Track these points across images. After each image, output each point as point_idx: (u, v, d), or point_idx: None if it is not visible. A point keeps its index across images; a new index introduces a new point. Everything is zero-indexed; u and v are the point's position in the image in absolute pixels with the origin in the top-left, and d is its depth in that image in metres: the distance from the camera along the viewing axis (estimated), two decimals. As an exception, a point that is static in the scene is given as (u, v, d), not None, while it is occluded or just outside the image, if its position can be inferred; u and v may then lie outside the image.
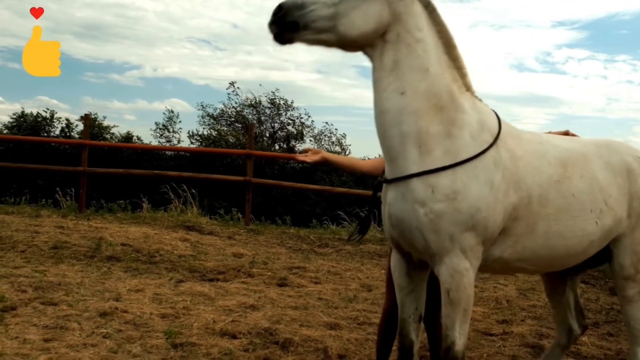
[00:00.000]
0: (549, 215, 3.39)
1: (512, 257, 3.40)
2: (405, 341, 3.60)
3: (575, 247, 3.53)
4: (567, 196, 3.45)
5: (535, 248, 3.41)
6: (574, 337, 4.48)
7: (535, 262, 3.51)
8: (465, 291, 3.17)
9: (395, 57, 3.16)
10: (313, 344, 5.35)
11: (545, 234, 3.40)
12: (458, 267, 3.14)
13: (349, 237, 3.88)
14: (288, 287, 7.42)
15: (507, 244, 3.35)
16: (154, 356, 4.79)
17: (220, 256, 8.66)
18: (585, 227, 3.51)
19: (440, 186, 3.11)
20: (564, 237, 3.46)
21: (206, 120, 30.02)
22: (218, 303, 6.37)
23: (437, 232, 3.12)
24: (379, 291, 7.46)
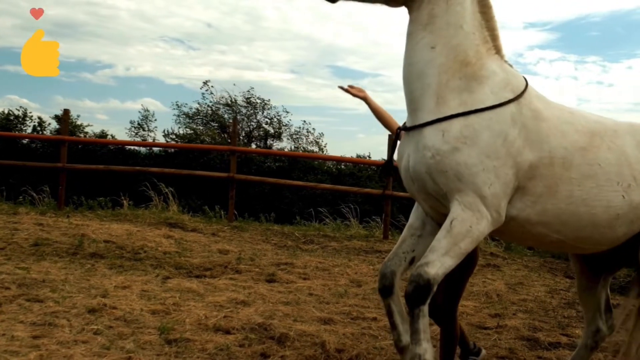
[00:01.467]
0: (572, 179, 3.33)
1: (531, 217, 3.32)
2: (386, 270, 3.51)
3: (600, 218, 3.43)
4: (592, 164, 3.39)
5: (557, 212, 3.33)
6: (602, 338, 4.37)
7: (558, 229, 3.40)
8: (469, 228, 3.09)
9: (432, 12, 3.22)
10: (309, 338, 5.26)
11: (567, 198, 3.33)
12: (470, 205, 3.09)
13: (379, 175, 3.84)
14: (277, 283, 7.32)
15: (524, 202, 3.28)
16: (148, 352, 4.65)
17: (205, 253, 8.52)
18: (610, 199, 3.43)
19: (450, 130, 3.12)
20: (588, 204, 3.37)
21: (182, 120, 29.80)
22: (208, 299, 6.25)
23: (444, 173, 3.11)
24: (369, 287, 7.41)
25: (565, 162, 3.32)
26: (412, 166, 3.29)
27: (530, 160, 3.23)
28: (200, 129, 28.36)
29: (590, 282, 4.25)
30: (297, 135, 29.98)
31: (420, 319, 3.11)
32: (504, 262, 9.70)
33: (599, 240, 3.57)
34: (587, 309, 4.32)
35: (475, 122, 3.13)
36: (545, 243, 3.57)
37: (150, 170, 12.30)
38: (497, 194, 3.14)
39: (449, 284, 4.26)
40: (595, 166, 3.39)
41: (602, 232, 3.51)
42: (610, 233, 3.55)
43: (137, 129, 27.68)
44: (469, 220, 3.08)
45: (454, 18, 3.22)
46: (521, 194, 3.26)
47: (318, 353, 4.93)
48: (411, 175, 3.33)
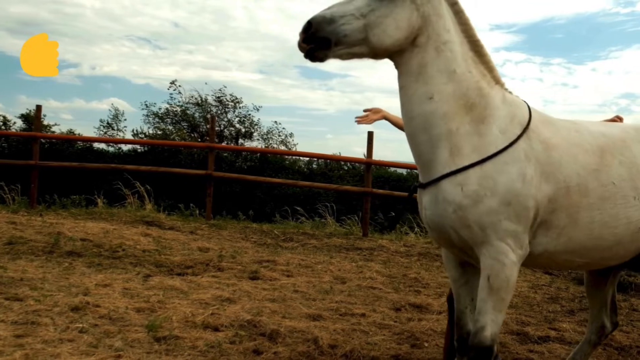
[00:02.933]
0: (591, 204, 3.29)
1: (557, 249, 3.30)
2: (463, 332, 3.51)
3: (623, 235, 3.41)
4: (607, 184, 3.35)
5: (581, 239, 3.31)
6: (605, 334, 4.36)
7: (583, 254, 3.40)
8: (505, 279, 3.07)
9: (423, 61, 3.10)
10: (300, 334, 5.18)
11: (589, 224, 3.30)
12: (498, 256, 3.06)
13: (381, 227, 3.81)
14: (260, 280, 7.21)
15: (550, 236, 3.25)
16: (137, 350, 4.52)
17: (185, 251, 8.37)
18: (629, 215, 3.40)
19: (468, 183, 3.06)
20: (609, 226, 3.35)
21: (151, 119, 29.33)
22: (192, 297, 6.12)
23: (469, 228, 3.06)
24: (353, 283, 7.35)
25: (581, 189, 3.28)
26: (432, 219, 3.23)
27: (549, 194, 3.19)
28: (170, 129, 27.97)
29: (599, 279, 4.24)
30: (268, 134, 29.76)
31: None
32: (484, 258, 9.71)
33: (624, 254, 3.57)
34: (594, 305, 4.31)
35: (492, 170, 3.07)
36: (571, 267, 3.59)
37: (126, 168, 12.04)
38: (521, 234, 3.12)
39: None
40: (610, 186, 3.35)
41: (626, 248, 3.51)
42: (634, 245, 3.54)
43: (106, 128, 27.14)
44: (502, 269, 3.06)
45: (445, 64, 3.11)
46: (545, 229, 3.23)
47: (311, 349, 4.85)
48: (431, 227, 3.31)
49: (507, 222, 3.05)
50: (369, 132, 10.78)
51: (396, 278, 7.82)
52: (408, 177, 20.68)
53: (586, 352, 4.32)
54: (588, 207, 3.29)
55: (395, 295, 6.98)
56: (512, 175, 3.07)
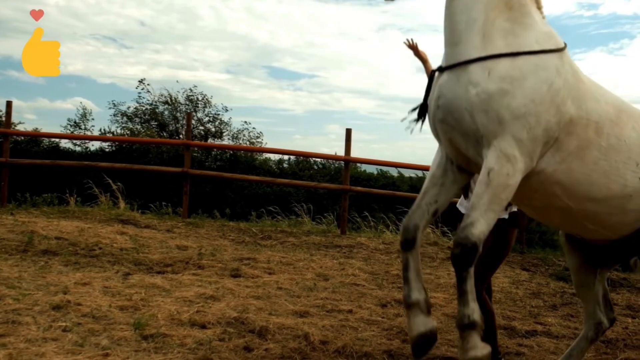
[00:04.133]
0: (601, 147, 3.28)
1: (554, 174, 3.24)
2: (410, 224, 3.36)
3: (614, 194, 3.37)
4: (620, 138, 3.35)
5: (578, 176, 3.26)
6: (603, 330, 4.35)
7: (572, 193, 3.31)
8: (506, 178, 2.98)
9: None
10: (289, 331, 5.10)
11: (591, 165, 3.27)
12: (506, 151, 2.97)
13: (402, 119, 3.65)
14: (242, 277, 7.11)
15: (555, 159, 3.20)
16: (125, 348, 4.39)
17: (163, 249, 8.21)
18: (628, 178, 3.38)
19: (497, 69, 3.02)
20: (608, 177, 3.32)
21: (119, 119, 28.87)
22: (175, 294, 5.99)
23: (486, 112, 2.98)
24: (336, 280, 7.30)
25: (598, 128, 3.26)
26: (449, 101, 3.13)
27: (572, 115, 3.16)
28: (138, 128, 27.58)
29: (587, 278, 4.24)
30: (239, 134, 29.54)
31: (468, 281, 3.04)
32: (462, 255, 9.74)
33: (604, 220, 3.50)
34: (587, 303, 4.31)
35: (522, 65, 3.03)
36: (551, 208, 3.44)
37: (100, 165, 11.79)
38: (535, 138, 3.04)
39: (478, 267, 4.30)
40: (622, 141, 3.35)
41: (610, 212, 3.45)
42: (617, 216, 3.49)
43: (73, 127, 26.62)
44: (506, 169, 2.97)
45: None
46: (555, 148, 3.18)
47: (303, 345, 4.78)
48: (439, 103, 3.20)
49: (525, 118, 2.99)
50: (347, 130, 10.73)
51: (379, 275, 7.78)
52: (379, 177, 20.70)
53: (583, 348, 4.33)
54: (598, 148, 3.27)
55: (379, 291, 6.94)
56: (540, 77, 3.04)
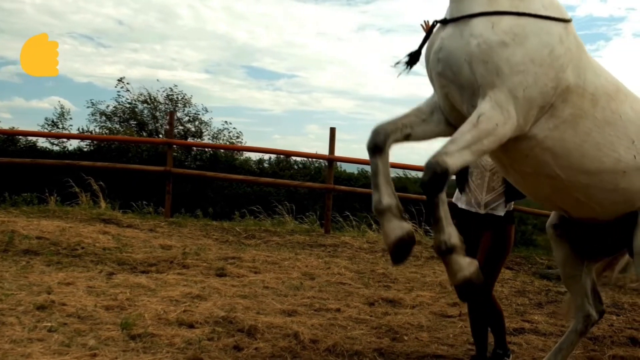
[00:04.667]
0: (595, 118, 3.26)
1: (546, 141, 3.20)
2: (380, 129, 3.25)
3: (607, 167, 3.34)
4: (615, 113, 3.33)
5: (571, 145, 3.23)
6: (592, 323, 4.34)
7: (564, 163, 3.28)
8: (494, 126, 2.92)
9: None
10: (278, 330, 5.06)
11: (585, 135, 3.24)
12: (501, 103, 2.93)
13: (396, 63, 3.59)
14: (228, 277, 7.04)
15: (547, 124, 3.17)
16: (113, 348, 4.32)
17: (147, 248, 8.11)
18: (622, 153, 3.36)
19: (501, 24, 3.00)
20: (601, 149, 3.30)
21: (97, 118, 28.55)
22: (161, 294, 5.92)
23: (485, 63, 2.95)
24: (322, 279, 7.27)
25: (594, 100, 3.25)
26: (448, 51, 3.11)
27: (569, 82, 3.15)
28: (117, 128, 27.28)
29: (574, 270, 4.23)
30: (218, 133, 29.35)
31: (440, 207, 2.93)
32: (446, 254, 9.76)
33: (594, 194, 3.46)
34: (575, 297, 4.30)
35: (526, 25, 3.02)
36: (541, 176, 3.38)
37: (81, 164, 11.64)
38: (530, 99, 3.01)
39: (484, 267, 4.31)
40: (617, 116, 3.33)
41: (602, 187, 3.41)
42: (610, 193, 3.45)
43: (51, 127, 26.27)
44: (497, 118, 2.93)
45: None
46: (549, 114, 3.16)
47: (293, 344, 4.74)
48: (439, 57, 3.16)
49: (523, 76, 2.97)
50: (331, 129, 10.69)
51: (364, 274, 7.76)
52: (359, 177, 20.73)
53: (573, 341, 4.33)
54: (592, 119, 3.25)
55: (366, 290, 6.91)
56: (542, 40, 3.03)
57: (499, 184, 4.30)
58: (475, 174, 4.35)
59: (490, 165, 4.28)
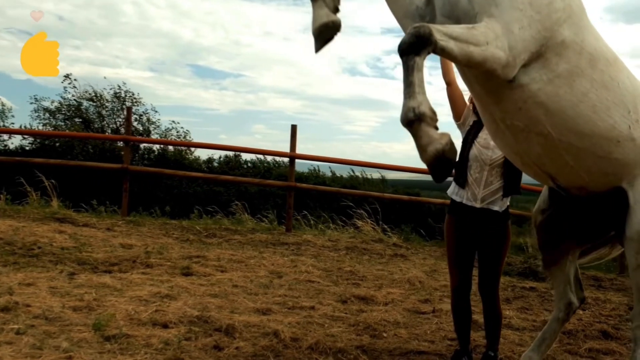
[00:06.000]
0: (593, 80, 3.22)
1: (539, 95, 3.13)
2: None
3: (601, 132, 3.31)
4: (613, 79, 3.31)
5: (565, 103, 3.19)
6: (573, 311, 4.37)
7: (556, 121, 3.22)
8: (484, 44, 2.83)
9: None
10: (256, 329, 4.95)
11: (581, 95, 3.20)
12: (496, 30, 2.87)
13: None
14: (194, 276, 6.86)
15: (540, 75, 3.11)
16: (88, 350, 4.12)
17: (107, 247, 7.83)
18: (618, 121, 3.33)
19: None
20: (596, 112, 3.26)
21: (40, 115, 27.64)
22: (128, 294, 5.71)
23: None
24: (290, 277, 7.17)
25: (592, 60, 3.22)
26: None
27: (565, 37, 3.11)
28: (62, 125, 26.47)
29: (557, 257, 4.25)
30: (166, 133, 28.79)
31: (415, 71, 2.73)
32: (409, 252, 9.80)
33: (585, 159, 3.42)
34: (557, 284, 4.32)
35: None
36: (532, 132, 3.30)
37: (34, 161, 11.21)
38: (524, 40, 2.96)
39: (486, 265, 4.43)
40: (615, 83, 3.32)
41: (594, 152, 3.37)
42: (600, 160, 3.42)
43: (-10, 125, 25.28)
44: (490, 37, 2.85)
45: None
46: (541, 64, 3.10)
47: (274, 343, 4.63)
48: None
49: (521, 14, 2.93)
50: (293, 126, 10.57)
51: (332, 271, 7.69)
52: (309, 175, 20.66)
53: (555, 330, 4.35)
54: (589, 80, 3.22)
55: (335, 288, 6.84)
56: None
57: (497, 179, 4.29)
58: (474, 168, 4.32)
59: (490, 160, 4.27)
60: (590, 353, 5.16)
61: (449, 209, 4.57)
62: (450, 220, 4.48)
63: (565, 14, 3.09)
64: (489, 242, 4.34)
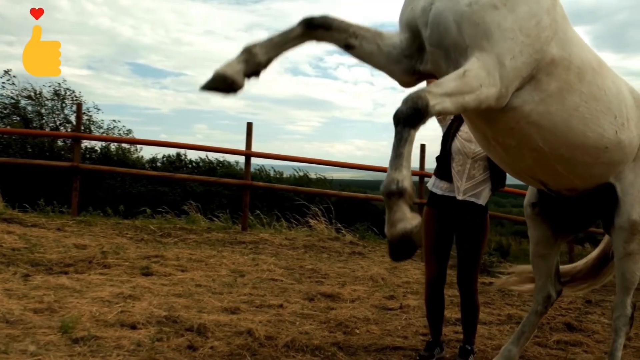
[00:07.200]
0: (582, 93, 3.25)
1: (531, 115, 3.14)
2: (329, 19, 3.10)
3: (591, 142, 3.37)
4: (600, 87, 3.35)
5: (557, 119, 3.21)
6: (551, 303, 4.43)
7: (549, 137, 3.26)
8: (478, 86, 2.80)
9: None
10: (229, 328, 4.85)
11: (572, 110, 3.23)
12: (488, 66, 2.82)
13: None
14: (155, 276, 6.68)
15: (532, 96, 3.11)
16: (57, 353, 3.94)
17: (60, 248, 7.54)
18: (606, 129, 3.40)
19: None
20: (586, 124, 3.30)
21: (-27, 113, 26.55)
22: (89, 295, 5.51)
23: (476, 25, 2.83)
24: (253, 276, 7.07)
25: (580, 74, 3.24)
26: (437, 12, 2.96)
27: (554, 55, 3.10)
28: (-4, 123, 25.47)
29: (546, 250, 4.30)
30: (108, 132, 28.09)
31: (407, 143, 2.67)
32: (366, 249, 9.82)
33: (576, 167, 3.51)
34: (540, 276, 4.36)
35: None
36: (525, 149, 3.35)
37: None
38: (515, 69, 2.94)
39: (465, 258, 4.45)
40: (602, 91, 3.36)
41: (583, 160, 3.46)
42: (590, 165, 3.51)
43: None
44: (483, 78, 2.82)
45: None
46: (533, 86, 3.10)
47: (249, 341, 4.54)
48: (429, 22, 3.00)
49: (512, 43, 2.89)
50: (248, 124, 10.42)
51: (294, 270, 7.62)
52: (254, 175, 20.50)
53: (534, 323, 4.40)
54: (579, 94, 3.25)
55: (300, 286, 6.78)
56: (532, 9, 2.95)
57: (480, 173, 4.31)
58: (456, 160, 4.34)
59: (473, 153, 4.29)
60: (559, 345, 5.26)
61: (428, 201, 4.58)
62: (429, 212, 4.49)
63: (552, 30, 3.08)
64: (468, 235, 4.37)
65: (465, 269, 4.46)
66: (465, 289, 4.50)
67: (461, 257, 4.46)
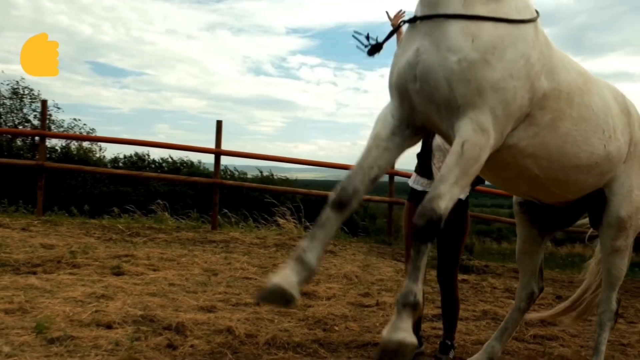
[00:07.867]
0: (573, 118, 3.29)
1: (527, 149, 3.19)
2: (349, 185, 2.99)
3: (583, 162, 3.44)
4: (588, 106, 3.39)
5: (551, 148, 3.25)
6: (533, 300, 4.47)
7: (544, 165, 3.31)
8: (478, 151, 2.83)
9: None
10: (207, 326, 4.79)
11: (564, 136, 3.28)
12: (482, 124, 2.83)
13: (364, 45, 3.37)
14: (126, 275, 6.56)
15: (527, 133, 3.14)
16: (33, 354, 3.83)
17: (27, 248, 7.36)
18: (595, 146, 3.46)
19: (481, 37, 2.84)
20: (578, 147, 3.36)
21: None
22: (61, 295, 5.38)
23: (466, 83, 2.80)
24: (226, 275, 7.01)
25: (569, 99, 3.27)
26: (425, 67, 2.91)
27: (545, 89, 3.11)
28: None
29: (533, 247, 4.34)
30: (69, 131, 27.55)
31: (424, 256, 2.79)
32: (337, 248, 9.79)
33: (570, 187, 3.59)
34: (524, 273, 4.40)
35: (504, 34, 2.91)
36: (521, 178, 3.42)
37: None
38: (509, 115, 2.95)
39: (445, 253, 4.47)
40: (590, 110, 3.41)
41: (577, 178, 3.53)
42: (583, 181, 3.59)
43: None
44: (480, 142, 2.83)
45: None
46: (527, 123, 3.12)
47: (229, 339, 4.48)
48: (417, 73, 2.95)
49: (504, 93, 2.87)
50: (218, 121, 10.33)
51: (267, 268, 7.56)
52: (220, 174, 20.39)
53: (516, 319, 4.44)
54: (570, 119, 3.29)
55: (274, 284, 6.71)
56: (519, 50, 2.94)
57: None
58: (437, 157, 4.34)
59: None
60: (536, 339, 5.32)
61: (409, 196, 4.58)
62: (410, 207, 4.49)
63: (540, 64, 3.09)
64: (449, 230, 4.37)
65: (446, 265, 4.48)
66: (445, 285, 4.52)
67: (441, 253, 4.48)
